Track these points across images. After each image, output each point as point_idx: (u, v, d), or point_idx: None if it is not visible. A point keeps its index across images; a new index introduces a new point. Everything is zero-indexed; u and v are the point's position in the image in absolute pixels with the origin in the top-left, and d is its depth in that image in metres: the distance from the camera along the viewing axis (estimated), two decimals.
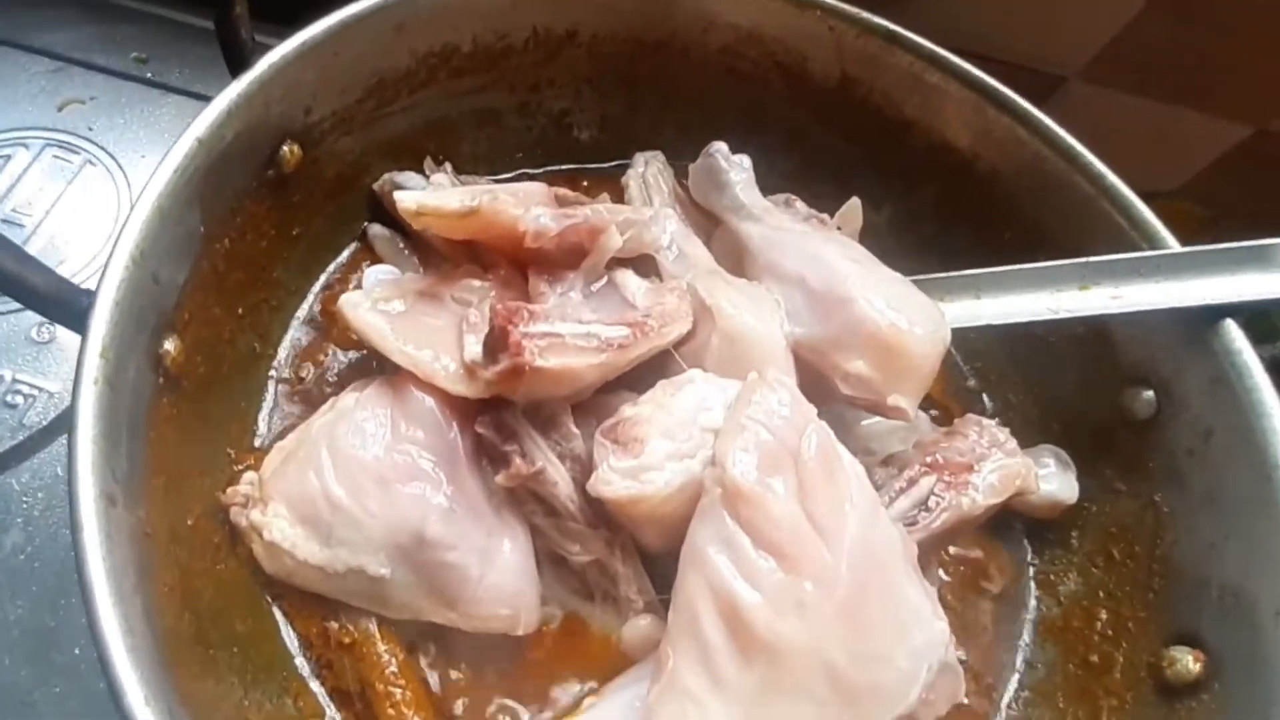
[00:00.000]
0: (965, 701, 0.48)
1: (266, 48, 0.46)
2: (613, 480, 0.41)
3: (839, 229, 0.55)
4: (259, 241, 0.49)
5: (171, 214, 0.40)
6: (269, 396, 0.50)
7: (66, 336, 0.63)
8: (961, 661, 0.48)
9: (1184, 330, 0.47)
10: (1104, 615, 0.48)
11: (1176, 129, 0.83)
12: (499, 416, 0.43)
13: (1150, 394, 0.48)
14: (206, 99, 0.71)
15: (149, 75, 0.74)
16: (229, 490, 0.45)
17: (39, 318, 0.63)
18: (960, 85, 0.55)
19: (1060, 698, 0.47)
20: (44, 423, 0.59)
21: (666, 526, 0.41)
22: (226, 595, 0.43)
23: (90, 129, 0.71)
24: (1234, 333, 0.45)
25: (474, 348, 0.43)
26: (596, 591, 0.45)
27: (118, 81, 0.73)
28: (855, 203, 0.56)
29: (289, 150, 0.48)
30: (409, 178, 0.55)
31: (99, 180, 0.69)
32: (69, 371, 0.61)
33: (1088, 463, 0.51)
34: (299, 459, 0.45)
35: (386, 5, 0.50)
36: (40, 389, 0.61)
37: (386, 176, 0.55)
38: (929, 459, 0.45)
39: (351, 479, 0.43)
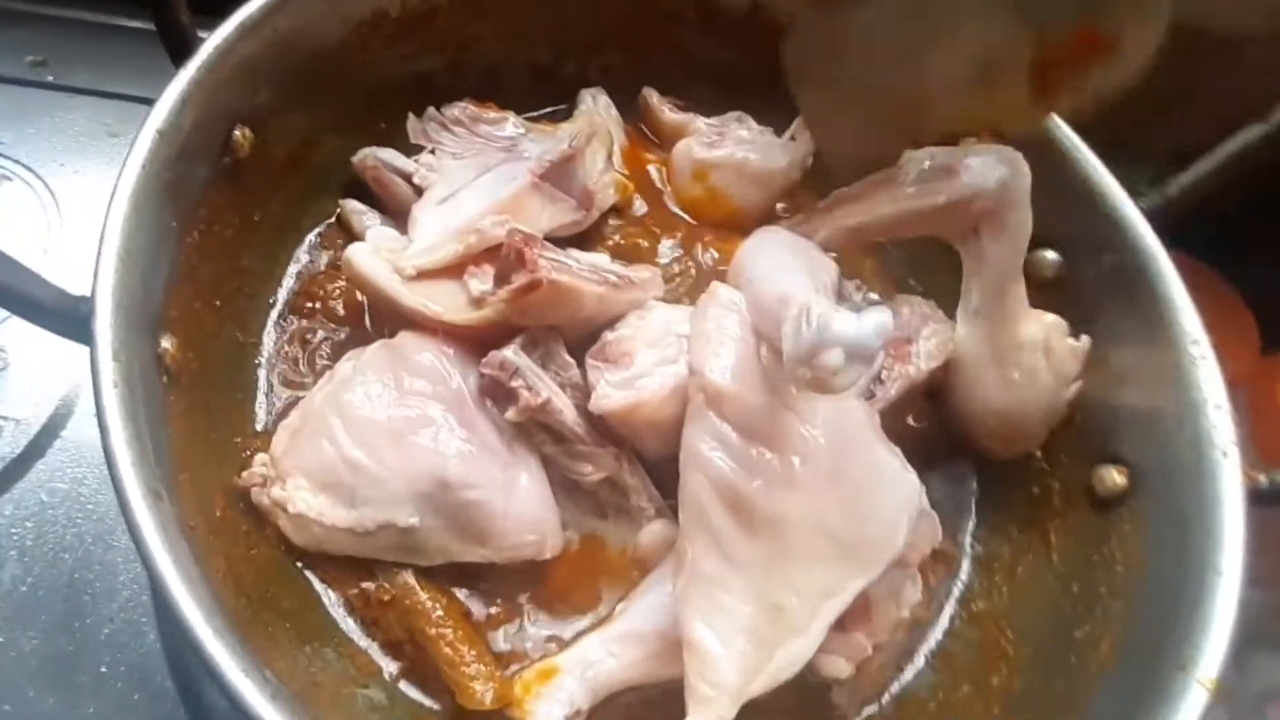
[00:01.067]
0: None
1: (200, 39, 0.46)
2: (611, 394, 0.44)
3: (793, 139, 0.58)
4: (224, 231, 0.49)
5: (146, 210, 0.41)
6: (261, 382, 0.51)
7: (19, 362, 0.62)
8: None
9: (1078, 196, 0.52)
10: (1038, 453, 0.54)
11: None
12: (500, 357, 0.46)
13: (1054, 255, 0.54)
14: (118, 97, 0.71)
15: (50, 79, 0.70)
16: (244, 474, 0.46)
17: None
18: None
19: (1013, 529, 0.53)
20: (16, 451, 0.58)
21: (664, 430, 0.45)
22: (266, 577, 0.44)
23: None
24: (1115, 187, 0.51)
25: (481, 284, 0.45)
26: (609, 508, 0.49)
27: (18, 89, 0.69)
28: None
29: (241, 134, 0.49)
30: (390, 154, 0.55)
31: (19, 194, 0.67)
32: (31, 397, 0.60)
33: None
34: (308, 432, 0.46)
35: None
36: (5, 417, 0.59)
37: (367, 151, 0.55)
38: None
39: (366, 439, 0.45)
